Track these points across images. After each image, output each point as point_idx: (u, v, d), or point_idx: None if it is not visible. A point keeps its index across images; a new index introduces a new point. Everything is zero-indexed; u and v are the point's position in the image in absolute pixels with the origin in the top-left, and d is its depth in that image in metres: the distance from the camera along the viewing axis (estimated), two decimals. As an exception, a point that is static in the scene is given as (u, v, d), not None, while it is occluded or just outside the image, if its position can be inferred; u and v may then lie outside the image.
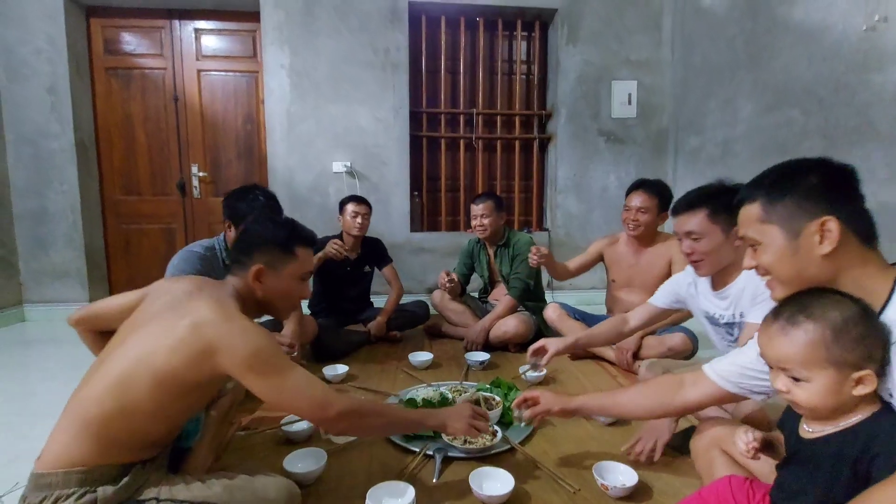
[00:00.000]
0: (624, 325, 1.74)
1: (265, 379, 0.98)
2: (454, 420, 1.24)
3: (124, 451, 0.96)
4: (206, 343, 0.94)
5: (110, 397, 0.93)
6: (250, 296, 1.12)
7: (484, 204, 2.55)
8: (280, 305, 1.18)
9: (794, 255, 0.81)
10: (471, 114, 3.76)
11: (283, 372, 1.00)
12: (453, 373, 2.17)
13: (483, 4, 3.58)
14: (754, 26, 2.80)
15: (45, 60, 3.16)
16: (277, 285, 1.13)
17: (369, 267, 2.73)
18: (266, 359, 0.98)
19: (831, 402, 0.74)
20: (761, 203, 0.85)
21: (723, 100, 3.11)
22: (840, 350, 0.72)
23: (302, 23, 3.35)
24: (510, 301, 2.49)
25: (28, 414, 1.87)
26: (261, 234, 1.15)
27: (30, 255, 3.30)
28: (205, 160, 3.54)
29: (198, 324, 0.95)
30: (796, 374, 0.76)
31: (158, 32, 3.44)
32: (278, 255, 1.13)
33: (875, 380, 0.72)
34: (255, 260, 1.11)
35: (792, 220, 0.81)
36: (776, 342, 0.78)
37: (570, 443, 1.52)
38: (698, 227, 1.42)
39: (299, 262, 1.16)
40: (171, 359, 0.93)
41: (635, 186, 2.30)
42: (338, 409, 1.03)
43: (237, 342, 0.95)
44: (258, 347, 0.97)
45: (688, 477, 1.30)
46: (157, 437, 1.01)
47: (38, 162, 3.22)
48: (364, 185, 3.51)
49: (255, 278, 1.10)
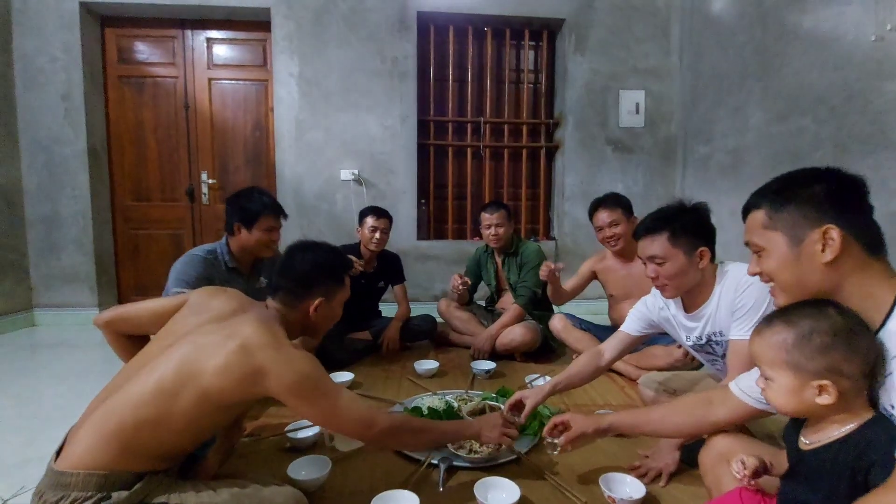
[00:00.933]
0: (600, 359, 1.61)
1: (312, 403, 1.04)
2: (487, 429, 1.32)
3: (147, 460, 0.97)
4: (255, 367, 0.97)
5: (147, 406, 0.94)
6: (297, 322, 1.17)
7: (497, 213, 2.54)
8: (324, 328, 1.25)
9: (797, 263, 0.82)
10: (478, 122, 3.78)
11: (329, 396, 1.05)
12: (459, 381, 2.15)
13: (491, 14, 3.60)
14: (764, 34, 2.79)
15: (60, 68, 3.22)
16: (328, 313, 1.21)
17: (384, 283, 2.72)
18: (313, 385, 1.03)
19: (792, 405, 0.78)
20: (766, 210, 0.86)
21: (732, 108, 3.09)
22: (799, 356, 0.75)
23: (312, 32, 3.39)
24: (517, 309, 2.48)
25: (37, 418, 1.87)
26: (320, 267, 1.18)
27: (40, 260, 3.34)
28: (214, 167, 3.58)
29: (248, 347, 0.98)
30: (765, 372, 0.81)
31: (171, 42, 3.50)
32: (333, 287, 1.20)
33: (835, 392, 0.73)
34: (316, 293, 1.16)
35: (795, 227, 0.82)
36: (753, 340, 0.83)
37: (577, 453, 1.48)
38: (661, 250, 1.38)
39: (345, 288, 1.24)
40: (219, 380, 0.96)
41: (594, 208, 2.32)
42: (381, 427, 1.10)
43: (285, 369, 0.99)
44: (306, 374, 1.02)
45: (696, 490, 1.27)
46: (181, 449, 1.04)
47: (50, 167, 3.27)
48: (371, 193, 3.52)
49: (315, 310, 1.16)
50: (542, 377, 2.06)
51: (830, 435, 0.77)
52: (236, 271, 1.95)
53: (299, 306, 1.16)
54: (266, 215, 1.90)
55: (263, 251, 1.96)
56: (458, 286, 2.50)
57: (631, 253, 2.29)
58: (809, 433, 0.81)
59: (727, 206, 3.14)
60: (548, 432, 1.28)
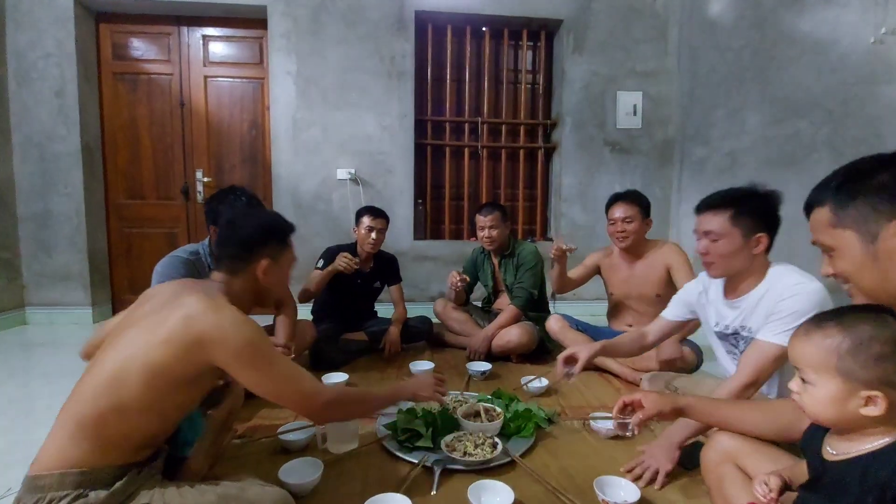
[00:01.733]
0: (644, 339, 1.70)
1: (256, 370, 1.00)
2: (422, 389, 1.39)
3: (120, 452, 0.96)
4: (197, 334, 0.95)
5: (104, 395, 0.93)
6: (245, 291, 1.14)
7: (491, 215, 2.53)
8: (275, 293, 1.22)
9: (875, 262, 0.75)
10: (476, 122, 3.77)
11: (275, 363, 1.03)
12: (454, 383, 2.14)
13: (489, 14, 3.59)
14: (762, 38, 2.80)
15: (53, 64, 3.19)
16: (278, 276, 1.18)
17: (379, 283, 2.70)
18: (257, 350, 1.00)
19: (832, 413, 0.73)
20: (830, 207, 0.79)
21: (730, 111, 3.10)
22: (853, 363, 0.70)
23: (309, 30, 3.38)
24: (514, 310, 2.47)
25: (28, 418, 1.85)
26: (261, 229, 1.16)
27: (32, 258, 3.31)
28: (209, 166, 3.55)
29: (189, 316, 0.96)
30: (806, 376, 0.75)
31: (166, 39, 3.47)
32: (277, 248, 1.17)
33: (885, 404, 0.68)
34: (261, 255, 1.14)
35: (867, 223, 0.75)
36: (797, 341, 0.77)
37: (572, 456, 1.49)
38: (719, 227, 1.37)
39: (289, 250, 1.22)
40: (163, 352, 0.94)
41: (613, 200, 2.29)
42: (326, 398, 1.09)
43: (228, 333, 0.97)
44: (249, 339, 0.99)
45: (691, 493, 1.27)
46: (152, 435, 1.01)
47: (43, 164, 3.24)
48: (368, 193, 3.50)
49: (263, 273, 1.14)
50: (537, 378, 2.05)
51: (861, 448, 0.72)
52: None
53: (246, 271, 1.14)
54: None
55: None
56: (457, 283, 2.49)
57: (638, 253, 2.29)
58: (837, 443, 0.76)
59: (724, 208, 3.15)
60: (619, 411, 1.16)
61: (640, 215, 2.23)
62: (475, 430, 1.50)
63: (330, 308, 2.62)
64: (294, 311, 2.18)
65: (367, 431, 1.60)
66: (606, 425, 1.61)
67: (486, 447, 1.42)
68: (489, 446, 1.42)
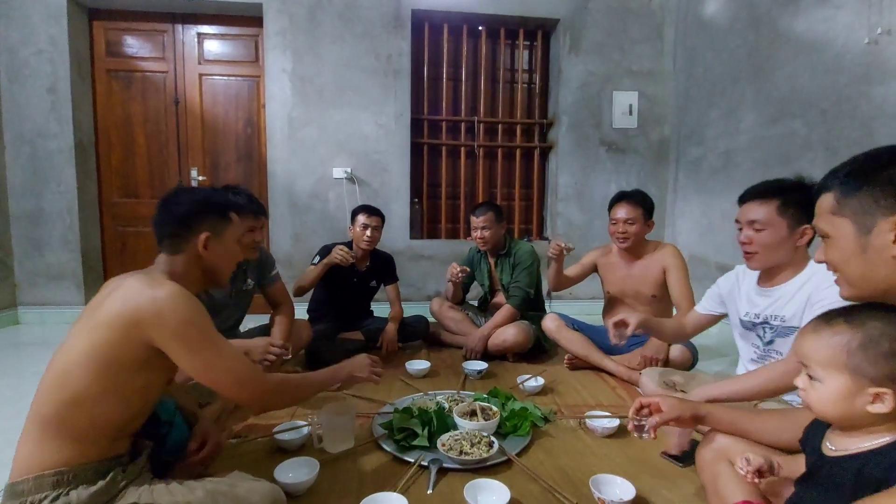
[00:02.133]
0: (683, 328, 1.78)
1: (193, 351, 0.96)
2: (357, 370, 1.43)
3: (90, 446, 0.94)
4: (132, 313, 0.92)
5: (57, 390, 0.92)
6: (190, 269, 1.11)
7: (484, 216, 2.51)
8: (224, 270, 1.18)
9: (863, 254, 0.76)
10: (472, 121, 3.76)
11: (213, 344, 0.99)
12: (451, 382, 2.14)
13: (486, 13, 3.59)
14: (757, 38, 2.81)
15: (46, 61, 3.16)
16: (222, 251, 1.15)
17: (376, 282, 2.69)
18: (197, 330, 0.97)
19: (839, 410, 0.73)
20: (835, 194, 0.79)
21: (725, 110, 3.11)
22: (862, 360, 0.70)
23: (305, 28, 3.36)
24: (510, 310, 2.47)
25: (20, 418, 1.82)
26: (199, 203, 1.13)
27: (25, 257, 3.28)
28: (204, 164, 3.53)
29: (126, 297, 0.94)
30: (813, 372, 0.75)
31: (161, 36, 3.45)
32: (218, 221, 1.14)
33: (893, 401, 0.68)
34: (199, 229, 1.10)
35: (865, 214, 0.75)
36: (805, 337, 0.78)
37: (567, 455, 1.49)
38: (765, 216, 1.38)
39: (235, 226, 1.19)
40: (104, 336, 0.92)
41: (618, 199, 2.28)
42: (265, 386, 1.05)
43: (165, 310, 0.93)
44: (187, 317, 0.95)
45: (687, 491, 1.28)
46: (120, 424, 0.98)
47: (35, 162, 3.21)
48: (364, 192, 3.50)
49: (203, 247, 1.10)
50: (533, 377, 2.06)
51: (861, 445, 0.72)
52: None
53: (186, 249, 1.09)
54: (243, 216, 1.84)
55: (246, 253, 1.90)
56: (458, 274, 2.48)
57: (637, 253, 2.29)
58: (837, 439, 0.76)
59: (719, 207, 3.17)
60: (635, 413, 1.09)
61: (642, 217, 2.22)
62: (471, 429, 1.50)
63: (326, 307, 2.62)
64: (291, 311, 2.18)
65: (363, 431, 1.60)
66: (602, 424, 1.61)
67: (483, 446, 1.42)
68: (485, 445, 1.42)
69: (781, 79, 2.61)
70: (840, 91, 2.25)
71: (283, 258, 3.38)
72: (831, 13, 2.29)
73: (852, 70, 2.18)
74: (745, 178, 2.86)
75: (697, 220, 3.45)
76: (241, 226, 1.22)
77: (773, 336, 1.47)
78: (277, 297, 2.17)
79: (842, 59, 2.23)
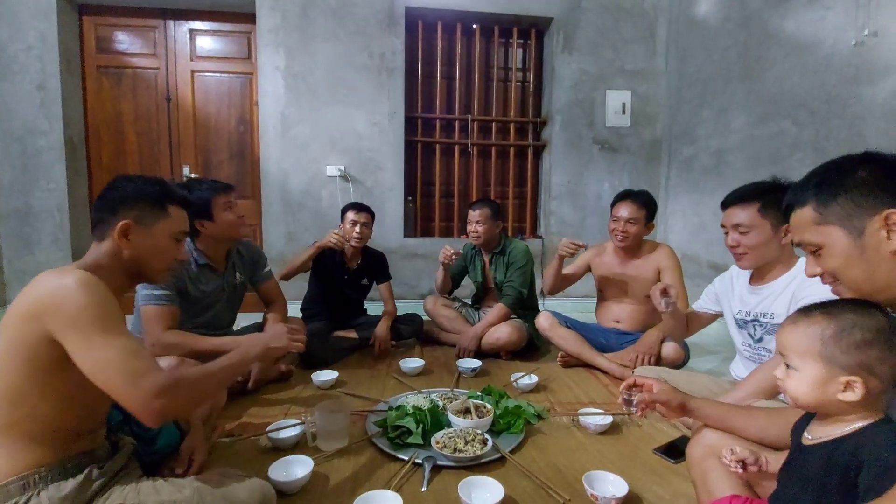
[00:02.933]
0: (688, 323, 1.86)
1: (87, 340, 0.85)
2: (274, 340, 1.26)
3: (48, 448, 0.90)
4: (32, 304, 0.86)
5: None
6: (113, 260, 1.02)
7: (480, 210, 2.53)
8: (153, 265, 1.08)
9: (862, 256, 0.76)
10: (466, 120, 3.77)
11: (108, 333, 0.86)
12: (444, 380, 2.15)
13: (480, 11, 3.59)
14: (748, 38, 2.83)
15: (35, 57, 3.11)
16: (148, 243, 1.05)
17: (367, 280, 2.69)
18: (92, 316, 0.86)
19: (813, 397, 0.76)
20: (813, 206, 0.81)
21: (716, 110, 3.13)
22: (835, 348, 0.73)
23: (298, 25, 3.34)
24: (503, 308, 2.47)
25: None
26: (129, 189, 1.06)
27: (14, 255, 3.24)
28: (196, 161, 3.51)
29: (31, 289, 0.88)
30: (790, 361, 0.78)
31: (152, 32, 3.41)
32: (149, 211, 1.06)
33: (862, 390, 0.71)
34: (122, 215, 1.02)
35: (851, 218, 0.76)
36: (785, 329, 0.81)
37: (560, 452, 1.50)
38: (748, 220, 1.44)
39: (172, 220, 1.10)
40: (15, 333, 0.87)
41: (622, 197, 2.28)
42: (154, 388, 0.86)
43: (63, 297, 0.85)
44: (85, 303, 0.86)
45: (678, 488, 1.29)
46: (70, 424, 0.93)
47: (24, 160, 3.17)
48: (358, 190, 3.49)
49: (121, 235, 1.01)
50: (527, 375, 2.07)
51: (833, 433, 0.75)
52: (208, 267, 1.92)
53: (110, 235, 1.01)
54: (216, 197, 1.85)
55: (237, 230, 1.94)
56: (451, 256, 2.48)
57: (633, 253, 2.30)
58: (815, 428, 0.79)
59: (710, 206, 3.20)
60: (626, 387, 1.14)
61: (644, 219, 2.23)
62: (465, 427, 1.50)
63: (319, 305, 2.62)
64: (284, 308, 2.17)
65: (357, 429, 1.61)
66: (595, 421, 1.62)
67: (477, 443, 1.43)
68: (479, 443, 1.43)
69: (771, 79, 2.64)
70: (829, 91, 2.28)
71: (277, 256, 3.37)
72: (821, 14, 2.31)
73: (841, 71, 2.21)
74: (737, 178, 2.89)
75: (689, 219, 3.48)
76: (181, 222, 1.13)
77: (762, 333, 1.50)
78: (270, 295, 2.16)
79: (831, 59, 2.26)
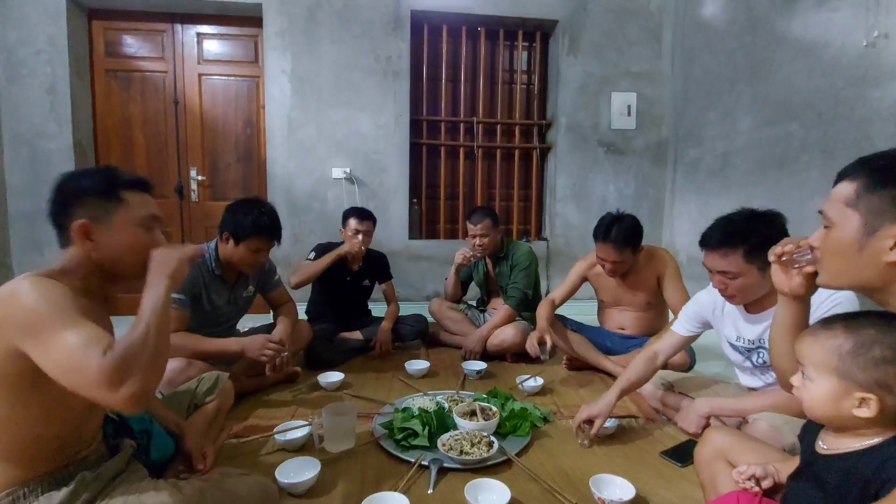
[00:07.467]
0: (654, 361, 1.63)
1: (42, 342, 0.76)
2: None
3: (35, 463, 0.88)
4: None
5: None
6: (81, 263, 0.93)
7: (481, 223, 2.48)
8: (127, 261, 0.96)
9: (859, 252, 0.74)
10: (471, 122, 3.77)
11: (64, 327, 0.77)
12: (450, 382, 2.15)
13: (485, 14, 3.60)
14: (754, 40, 2.82)
15: (44, 61, 3.15)
16: (115, 239, 0.94)
17: (369, 281, 2.69)
18: (44, 315, 0.77)
19: (827, 411, 0.75)
20: (858, 185, 0.75)
21: (722, 112, 3.12)
22: (852, 364, 0.71)
23: (304, 29, 3.36)
24: (508, 310, 2.47)
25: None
26: (74, 186, 0.96)
27: (24, 257, 3.27)
28: (203, 164, 3.53)
29: None
30: (807, 371, 0.77)
31: (160, 36, 3.44)
32: (102, 205, 0.94)
33: (877, 407, 0.70)
34: (74, 216, 0.92)
35: (877, 215, 0.72)
36: (804, 339, 0.79)
37: (567, 455, 1.50)
38: (734, 268, 1.34)
39: (130, 207, 0.96)
40: None
41: (600, 237, 2.08)
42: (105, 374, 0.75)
43: (14, 302, 0.78)
44: (35, 303, 0.78)
45: (686, 491, 1.29)
46: (54, 436, 0.89)
47: (34, 162, 3.20)
48: (363, 192, 3.50)
49: (81, 238, 0.92)
50: (532, 378, 2.07)
51: (851, 446, 0.74)
52: (220, 279, 1.92)
53: (67, 236, 0.93)
54: (256, 237, 1.82)
55: (245, 269, 1.92)
56: (470, 257, 2.48)
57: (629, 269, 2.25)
58: (829, 438, 0.78)
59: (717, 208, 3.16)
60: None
61: (630, 253, 2.11)
62: (471, 429, 1.51)
63: (323, 308, 2.62)
64: (294, 311, 2.17)
65: (363, 430, 1.61)
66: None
67: (483, 446, 1.43)
68: (485, 445, 1.43)
69: (778, 81, 2.63)
70: (837, 93, 2.27)
71: (282, 258, 3.38)
72: (828, 16, 2.31)
73: (849, 73, 2.20)
74: (743, 180, 2.88)
75: (695, 221, 3.46)
76: (142, 206, 0.98)
77: (761, 361, 1.45)
78: (280, 300, 2.17)
79: (839, 61, 2.25)
